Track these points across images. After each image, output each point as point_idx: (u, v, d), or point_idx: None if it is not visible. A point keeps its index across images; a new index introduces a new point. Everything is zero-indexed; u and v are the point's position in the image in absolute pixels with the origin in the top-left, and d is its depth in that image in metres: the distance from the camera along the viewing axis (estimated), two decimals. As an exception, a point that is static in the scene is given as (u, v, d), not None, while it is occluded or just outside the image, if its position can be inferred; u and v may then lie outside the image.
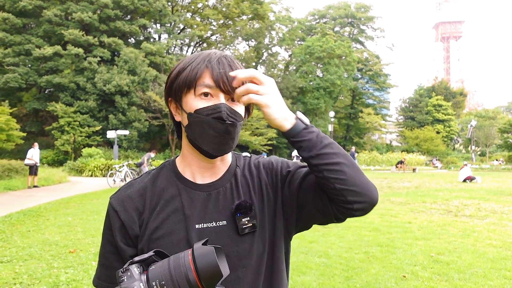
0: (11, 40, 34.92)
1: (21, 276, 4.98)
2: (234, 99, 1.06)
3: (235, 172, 1.18)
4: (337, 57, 51.91)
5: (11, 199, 12.74)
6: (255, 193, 1.16)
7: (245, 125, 40.24)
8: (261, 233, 1.12)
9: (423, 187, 17.22)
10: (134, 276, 0.91)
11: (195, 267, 0.89)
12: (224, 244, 1.07)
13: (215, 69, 1.07)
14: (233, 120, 1.07)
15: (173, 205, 1.11)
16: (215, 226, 1.09)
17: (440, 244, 6.75)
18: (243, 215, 1.10)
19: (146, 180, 1.17)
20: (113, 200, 1.14)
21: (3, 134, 23.12)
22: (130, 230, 1.10)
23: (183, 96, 1.10)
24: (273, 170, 1.20)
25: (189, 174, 1.15)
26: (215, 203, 1.12)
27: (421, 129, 55.57)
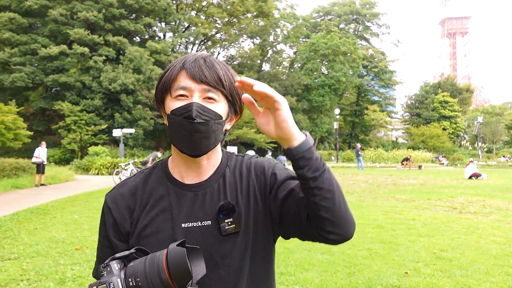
0: (17, 39, 35.17)
1: (28, 273, 5.07)
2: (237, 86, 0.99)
3: (224, 172, 1.20)
4: (342, 54, 51.80)
5: (19, 197, 12.87)
6: (242, 195, 1.17)
7: (250, 123, 40.28)
8: (245, 234, 1.14)
9: (428, 184, 17.18)
10: (113, 272, 0.96)
11: (167, 266, 0.93)
12: (208, 244, 1.11)
13: (189, 69, 1.09)
14: (205, 119, 1.07)
15: (162, 205, 1.15)
16: (200, 225, 1.12)
17: (443, 241, 6.76)
18: (225, 216, 1.12)
19: (138, 180, 1.21)
20: (107, 197, 1.20)
21: (11, 133, 23.32)
22: (121, 227, 1.15)
23: (165, 100, 1.13)
24: (263, 173, 1.21)
25: (178, 174, 1.19)
26: (201, 203, 1.14)
27: (427, 126, 55.38)
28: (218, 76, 1.10)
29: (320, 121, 52.78)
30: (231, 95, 1.14)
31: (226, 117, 1.15)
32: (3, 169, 16.56)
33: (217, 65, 1.12)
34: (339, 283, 4.64)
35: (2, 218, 8.85)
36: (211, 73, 1.09)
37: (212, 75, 1.09)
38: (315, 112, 53.09)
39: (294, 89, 50.77)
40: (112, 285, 0.95)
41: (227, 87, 1.12)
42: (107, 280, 0.95)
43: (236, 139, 41.12)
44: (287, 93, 49.49)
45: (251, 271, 1.15)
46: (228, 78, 1.13)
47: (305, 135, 1.03)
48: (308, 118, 51.91)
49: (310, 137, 1.05)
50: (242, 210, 1.15)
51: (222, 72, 1.12)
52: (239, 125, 40.36)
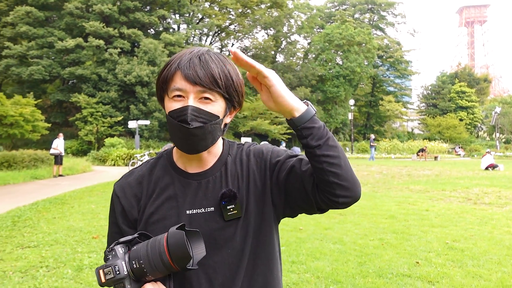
0: (34, 33, 35.64)
1: (47, 260, 5.24)
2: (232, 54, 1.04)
3: (226, 161, 1.25)
4: (357, 44, 51.30)
5: (38, 188, 13.17)
6: (243, 181, 1.22)
7: (264, 114, 40.29)
8: (246, 218, 1.19)
9: (443, 175, 17.05)
10: (118, 255, 1.04)
11: (168, 248, 0.99)
12: (212, 229, 1.17)
13: (183, 70, 1.10)
14: (201, 121, 1.10)
15: (168, 193, 1.21)
16: (204, 212, 1.18)
17: (456, 231, 6.75)
18: (227, 203, 1.18)
19: (144, 169, 1.27)
20: (116, 186, 1.27)
21: (29, 125, 23.75)
22: (129, 214, 1.22)
23: (164, 98, 1.17)
24: (262, 158, 1.26)
25: (182, 164, 1.24)
26: (204, 191, 1.20)
27: (443, 117, 54.71)
28: (213, 76, 1.10)
29: (334, 112, 52.50)
30: (228, 93, 1.14)
31: (224, 114, 1.17)
32: (22, 160, 16.92)
33: (212, 63, 1.11)
34: (350, 272, 4.70)
35: (22, 207, 9.10)
36: (205, 74, 1.09)
37: (207, 75, 1.09)
38: (329, 103, 52.80)
39: (309, 80, 50.51)
40: (117, 267, 1.02)
41: (222, 86, 1.12)
42: (112, 263, 1.03)
43: (251, 130, 41.20)
44: (301, 84, 49.29)
45: (253, 253, 1.21)
46: (224, 75, 1.12)
47: (306, 105, 1.08)
48: (322, 109, 51.65)
49: (312, 107, 1.10)
50: (244, 196, 1.20)
51: (218, 71, 1.11)
52: (253, 116, 40.41)
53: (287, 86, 1.08)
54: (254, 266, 1.22)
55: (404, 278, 4.52)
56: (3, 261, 5.21)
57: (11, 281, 4.50)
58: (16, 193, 11.88)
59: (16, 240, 6.29)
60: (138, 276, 1.04)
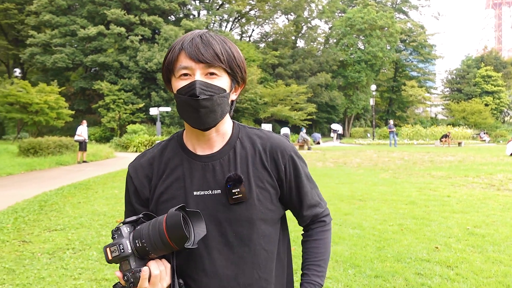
0: (57, 21, 36.15)
1: (73, 242, 5.43)
2: None
3: (235, 145, 1.28)
4: (379, 28, 50.35)
5: (63, 173, 13.53)
6: (252, 167, 1.26)
7: (284, 100, 40.11)
8: (251, 203, 1.23)
9: (467, 161, 16.77)
10: (123, 235, 1.11)
11: (166, 229, 1.05)
12: (218, 210, 1.21)
13: (187, 49, 1.15)
14: (209, 94, 1.14)
15: (176, 174, 1.26)
16: (210, 194, 1.22)
17: (478, 217, 6.69)
18: (233, 186, 1.21)
19: (156, 151, 1.33)
20: (130, 167, 1.33)
21: (54, 112, 24.29)
22: (141, 194, 1.28)
23: (171, 80, 1.22)
24: (280, 156, 1.29)
25: (191, 146, 1.29)
26: (212, 173, 1.24)
27: (468, 102, 53.46)
28: (215, 52, 1.15)
29: (356, 98, 51.93)
30: (231, 68, 1.19)
31: (230, 89, 1.22)
32: (47, 147, 17.35)
33: (213, 41, 1.17)
34: (368, 256, 4.73)
35: (48, 192, 9.38)
36: (208, 50, 1.15)
37: (209, 52, 1.15)
38: (351, 89, 52.22)
39: (330, 66, 49.95)
40: (122, 246, 1.09)
41: (225, 61, 1.17)
42: (117, 242, 1.10)
43: (271, 117, 41.14)
44: (322, 69, 48.81)
45: (258, 237, 1.24)
46: (225, 51, 1.18)
47: None
48: (343, 94, 51.14)
49: None
50: (252, 181, 1.24)
51: (219, 47, 1.16)
52: (273, 102, 40.30)
53: (307, 71, 1.15)
54: (258, 248, 1.25)
55: (423, 262, 4.53)
56: (32, 243, 5.42)
57: (40, 262, 4.69)
58: (42, 178, 12.23)
59: (43, 224, 6.51)
60: (142, 254, 1.10)
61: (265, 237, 1.26)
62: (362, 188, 9.75)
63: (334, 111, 50.56)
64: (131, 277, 1.09)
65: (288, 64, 48.32)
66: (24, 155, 16.84)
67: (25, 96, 22.80)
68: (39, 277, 4.23)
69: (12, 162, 14.62)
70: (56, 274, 4.31)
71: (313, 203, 1.36)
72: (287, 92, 40.63)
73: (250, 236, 1.23)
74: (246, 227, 1.22)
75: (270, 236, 1.28)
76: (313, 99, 44.85)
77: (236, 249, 1.22)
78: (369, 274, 4.22)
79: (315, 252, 1.35)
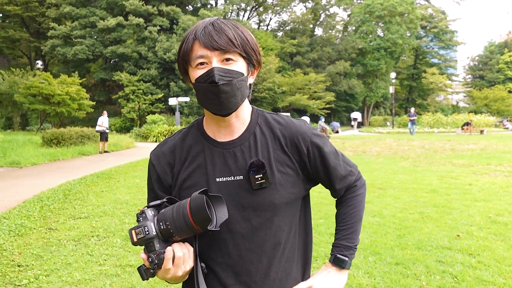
0: (77, 13, 36.60)
1: (97, 230, 5.56)
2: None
3: (254, 131, 1.30)
4: (399, 15, 49.49)
5: (85, 163, 13.78)
6: (273, 152, 1.28)
7: (302, 89, 39.92)
8: (274, 188, 1.25)
9: (489, 149, 16.47)
10: (147, 218, 1.14)
11: (190, 211, 1.08)
12: (241, 196, 1.23)
13: (201, 38, 1.16)
14: (228, 80, 1.16)
15: (198, 161, 1.28)
16: (233, 180, 1.24)
17: (500, 205, 6.60)
18: (255, 172, 1.23)
19: (177, 138, 1.35)
20: (152, 155, 1.36)
21: (75, 103, 24.68)
22: (164, 181, 1.31)
23: (188, 70, 1.23)
24: (301, 141, 1.30)
25: (211, 133, 1.30)
26: (234, 159, 1.26)
27: (491, 89, 52.36)
28: (229, 38, 1.16)
29: (375, 86, 51.34)
30: (245, 52, 1.20)
31: (247, 72, 1.23)
32: (70, 137, 17.68)
33: (225, 27, 1.18)
34: (388, 244, 4.73)
35: (72, 182, 9.59)
36: (221, 37, 1.16)
37: (223, 38, 1.16)
38: (370, 77, 51.63)
39: (348, 54, 49.43)
40: (147, 228, 1.12)
41: (239, 45, 1.18)
42: (142, 224, 1.13)
43: (289, 106, 41.03)
44: (341, 57, 48.33)
45: (279, 219, 1.27)
46: (238, 36, 1.19)
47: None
48: (363, 83, 50.62)
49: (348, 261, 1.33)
50: (273, 166, 1.26)
51: (232, 33, 1.18)
52: (291, 91, 40.14)
53: (325, 60, 1.16)
54: (280, 230, 1.28)
55: (444, 250, 4.51)
56: (58, 231, 5.57)
57: (66, 248, 4.83)
58: (66, 168, 12.50)
59: (68, 212, 6.68)
60: (166, 236, 1.13)
61: (287, 218, 1.29)
62: (382, 177, 9.69)
63: (353, 99, 50.14)
64: (155, 259, 1.13)
65: (306, 52, 47.97)
66: (47, 146, 17.21)
67: (47, 88, 23.21)
68: (66, 263, 4.36)
69: (36, 153, 14.94)
70: (82, 260, 4.44)
71: (343, 174, 1.37)
72: (305, 81, 40.41)
73: (272, 219, 1.26)
74: (269, 211, 1.25)
75: (292, 216, 1.31)
76: (332, 87, 44.55)
77: (259, 233, 1.25)
78: (389, 261, 4.22)
79: (343, 218, 1.38)
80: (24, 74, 27.97)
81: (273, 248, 1.27)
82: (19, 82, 25.68)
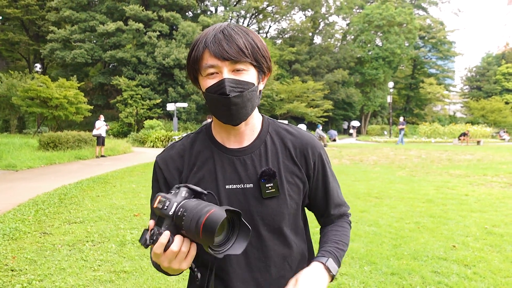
0: (77, 17, 36.65)
1: (92, 235, 5.53)
2: None
3: (265, 139, 1.29)
4: (397, 25, 49.81)
5: (81, 167, 13.74)
6: (283, 162, 1.27)
7: (300, 97, 40.03)
8: (283, 198, 1.24)
9: (486, 160, 16.52)
10: (178, 196, 1.08)
11: (207, 218, 0.99)
12: (250, 205, 1.22)
13: (211, 48, 1.13)
14: (239, 91, 1.14)
15: (207, 167, 1.26)
16: (243, 188, 1.23)
17: (496, 216, 6.60)
18: (267, 181, 1.22)
19: (186, 143, 1.33)
20: (158, 159, 1.33)
21: (73, 107, 24.64)
22: (171, 185, 1.28)
23: (198, 78, 1.21)
24: (310, 154, 1.30)
25: (220, 138, 1.29)
26: (244, 167, 1.25)
27: (488, 100, 52.64)
28: (239, 47, 1.13)
29: (373, 95, 51.51)
30: (256, 60, 1.17)
31: (258, 81, 1.21)
32: (67, 141, 17.64)
33: (236, 35, 1.15)
34: (384, 254, 4.72)
35: (68, 186, 9.55)
36: (232, 47, 1.13)
37: (233, 48, 1.13)
38: (368, 86, 51.83)
39: (347, 62, 49.64)
40: (168, 204, 1.06)
41: (250, 54, 1.15)
42: (168, 198, 1.07)
43: (287, 113, 41.09)
44: (339, 66, 48.50)
45: (287, 230, 1.27)
46: (249, 44, 1.15)
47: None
48: (360, 91, 50.78)
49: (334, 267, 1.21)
50: (283, 176, 1.25)
51: (242, 41, 1.14)
52: (289, 99, 40.21)
53: (324, 68, 1.13)
54: (289, 240, 1.28)
55: (440, 261, 4.50)
56: (52, 235, 5.54)
57: (60, 253, 4.80)
58: (62, 172, 12.45)
59: (63, 216, 6.64)
60: (177, 224, 1.06)
61: (295, 229, 1.30)
62: (378, 186, 9.69)
63: (351, 108, 50.28)
64: (155, 235, 1.07)
65: (305, 60, 48.15)
66: (44, 149, 17.16)
67: (45, 91, 23.18)
68: (60, 268, 4.33)
69: (33, 156, 14.89)
70: (76, 265, 4.41)
71: (339, 202, 1.38)
72: (304, 89, 40.52)
73: (281, 229, 1.25)
74: (278, 221, 1.24)
75: (297, 226, 1.32)
76: (330, 96, 44.67)
77: (268, 242, 1.24)
78: (385, 271, 4.21)
79: (333, 234, 1.33)
80: (22, 77, 27.94)
81: (281, 257, 1.27)
82: (17, 85, 25.61)
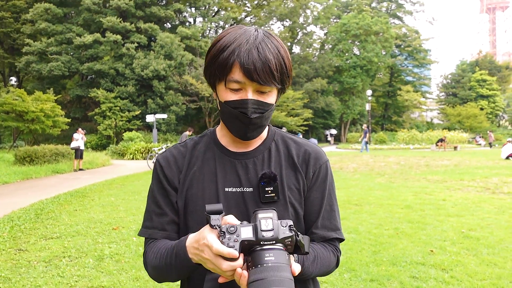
0: (53, 29, 36.22)
1: (69, 250, 5.42)
2: None
3: (270, 146, 1.29)
4: (374, 34, 50.70)
5: (59, 181, 13.49)
6: (285, 169, 1.25)
7: (280, 106, 40.23)
8: (283, 203, 1.22)
9: (462, 165, 16.86)
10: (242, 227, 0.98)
11: None
12: (249, 209, 1.21)
13: (242, 64, 1.08)
14: (260, 112, 1.14)
15: (208, 168, 1.26)
16: (242, 191, 1.22)
17: (473, 220, 6.73)
18: (266, 184, 1.20)
19: (188, 145, 1.33)
20: (160, 158, 1.32)
21: (50, 120, 24.20)
22: (171, 182, 1.27)
23: (217, 84, 1.18)
24: (309, 167, 1.27)
25: (225, 142, 1.29)
26: (245, 170, 1.24)
27: (463, 106, 53.82)
28: (270, 69, 1.09)
29: (352, 103, 52.12)
30: (282, 83, 1.15)
31: (276, 99, 1.21)
32: (43, 155, 17.31)
33: (269, 54, 1.10)
34: (364, 260, 4.75)
35: (44, 200, 9.36)
36: (264, 68, 1.09)
37: (265, 70, 1.09)
38: (346, 94, 52.44)
39: (325, 71, 50.19)
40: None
41: (278, 78, 1.12)
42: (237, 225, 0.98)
43: (267, 123, 41.20)
44: (318, 75, 48.99)
45: None
46: (279, 65, 1.12)
47: None
48: (339, 100, 51.34)
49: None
50: (284, 183, 1.24)
51: (274, 62, 1.10)
52: (269, 108, 40.36)
53: (303, 77, 1.11)
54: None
55: (418, 266, 4.55)
56: (27, 252, 5.41)
57: (36, 270, 4.69)
58: (39, 187, 12.20)
59: (39, 232, 6.50)
60: None
61: None
62: (358, 193, 9.78)
63: (330, 116, 50.74)
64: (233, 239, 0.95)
65: (284, 70, 48.48)
66: (20, 164, 16.80)
67: (21, 105, 22.73)
68: (35, 285, 4.23)
69: (8, 171, 14.57)
70: (52, 282, 4.31)
71: (330, 225, 1.28)
72: (283, 98, 40.74)
73: None
74: None
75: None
76: (309, 104, 45.01)
77: None
78: (364, 278, 4.24)
79: (311, 248, 1.21)
80: (-3, 91, 27.42)
81: None
82: (-9, 99, 25.11)
